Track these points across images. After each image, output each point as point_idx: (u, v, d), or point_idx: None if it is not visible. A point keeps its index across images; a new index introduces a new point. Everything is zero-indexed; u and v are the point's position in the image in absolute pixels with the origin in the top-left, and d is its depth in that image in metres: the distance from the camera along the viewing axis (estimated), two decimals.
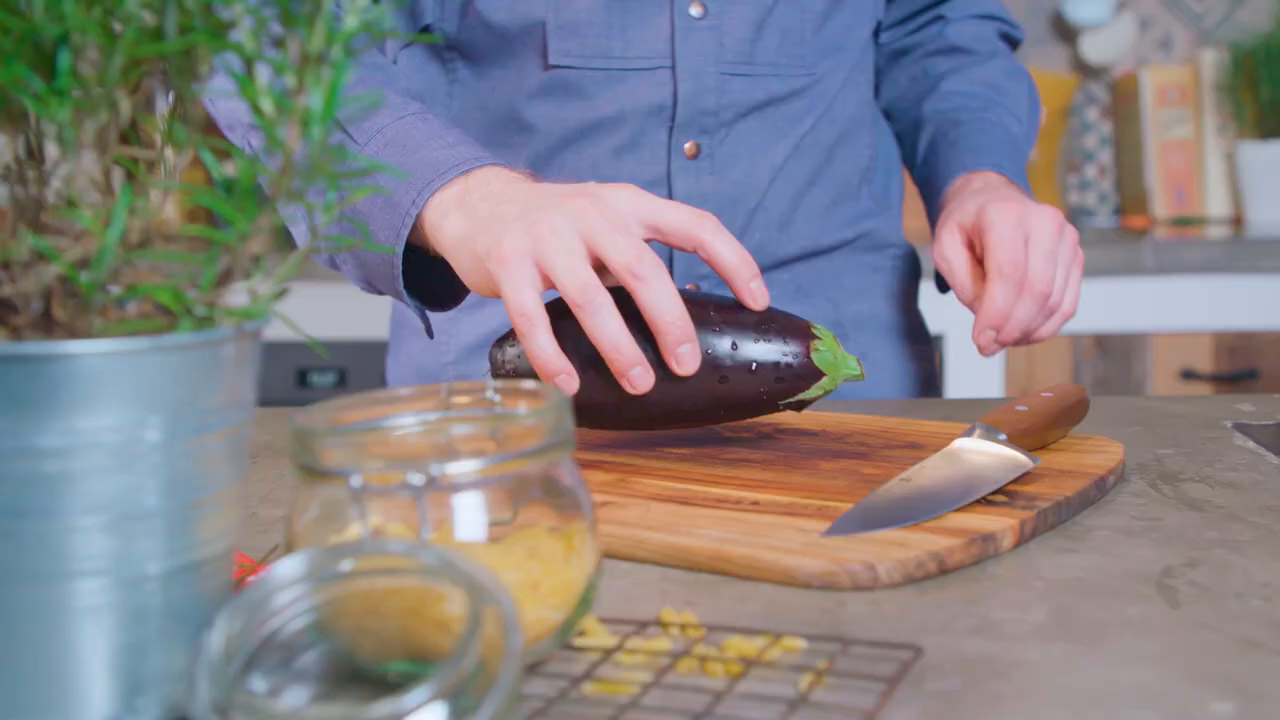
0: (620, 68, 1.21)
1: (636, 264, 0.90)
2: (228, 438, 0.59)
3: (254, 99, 0.56)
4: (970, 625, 0.69)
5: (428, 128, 1.06)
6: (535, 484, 0.64)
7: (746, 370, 0.94)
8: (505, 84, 1.23)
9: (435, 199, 1.00)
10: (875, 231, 1.35)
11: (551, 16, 1.20)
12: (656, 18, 1.20)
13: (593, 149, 1.22)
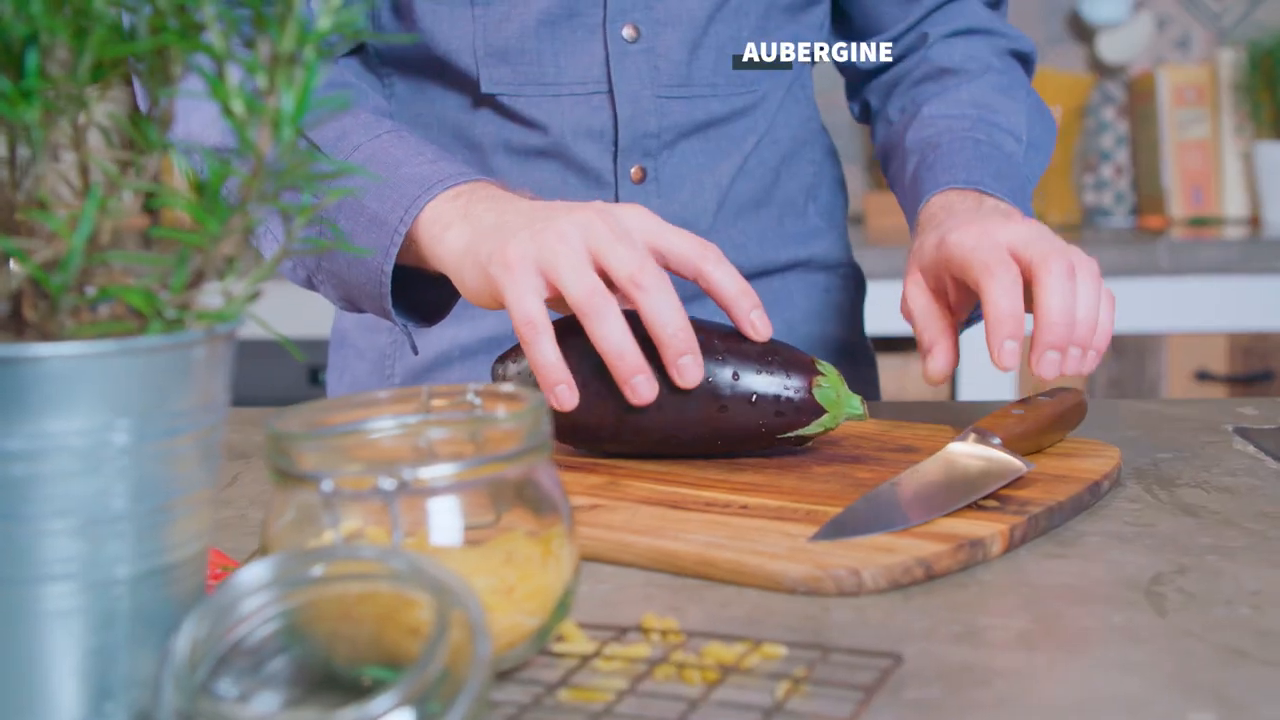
0: (554, 94, 1.18)
1: (639, 274, 0.89)
2: (198, 440, 0.58)
3: (225, 100, 0.56)
4: (954, 632, 0.68)
5: (405, 145, 1.05)
6: (512, 488, 0.63)
7: (746, 401, 0.93)
8: (445, 101, 1.21)
9: (430, 214, 1.00)
10: (825, 251, 1.33)
11: (480, 42, 1.17)
12: (589, 42, 1.18)
13: (540, 171, 1.20)
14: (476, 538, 0.63)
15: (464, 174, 1.02)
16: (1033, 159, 1.21)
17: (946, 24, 1.29)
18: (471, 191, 1.00)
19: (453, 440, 0.65)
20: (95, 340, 0.54)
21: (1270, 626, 0.68)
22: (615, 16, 1.17)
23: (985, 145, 1.16)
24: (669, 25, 1.19)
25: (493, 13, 1.17)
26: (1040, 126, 1.24)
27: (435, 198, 1.00)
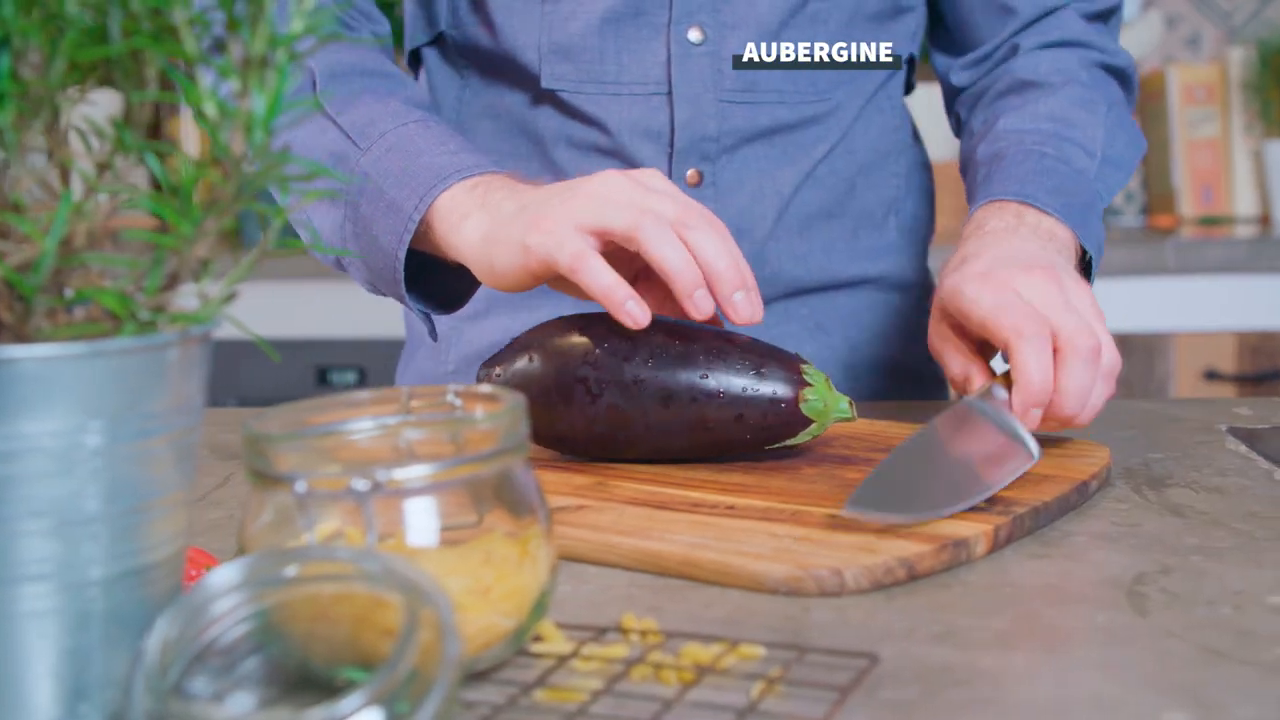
0: (614, 93, 1.19)
1: (685, 214, 0.91)
2: (173, 442, 0.59)
3: (197, 103, 0.56)
4: (933, 633, 0.68)
5: (430, 134, 1.06)
6: (488, 489, 0.63)
7: (732, 419, 0.93)
8: (513, 95, 1.22)
9: (446, 203, 1.00)
10: (900, 269, 1.30)
11: (545, 39, 1.18)
12: (652, 42, 1.17)
13: (599, 166, 1.19)
14: (454, 538, 0.63)
15: (482, 165, 1.02)
16: (1107, 175, 1.16)
17: (1040, 36, 1.24)
18: (489, 182, 1.00)
19: (430, 441, 0.65)
20: (68, 342, 0.55)
21: (1251, 627, 0.68)
22: (681, 18, 1.17)
23: (1051, 159, 1.12)
24: (736, 28, 1.18)
25: (560, 9, 1.18)
26: (1123, 142, 1.20)
27: (451, 187, 1.01)
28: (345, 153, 1.07)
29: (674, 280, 0.90)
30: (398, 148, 1.05)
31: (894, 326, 1.30)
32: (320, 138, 1.09)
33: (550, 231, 0.92)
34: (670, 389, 0.92)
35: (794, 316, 1.25)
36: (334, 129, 1.08)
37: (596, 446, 0.95)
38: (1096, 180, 1.14)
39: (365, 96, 1.10)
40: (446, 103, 1.27)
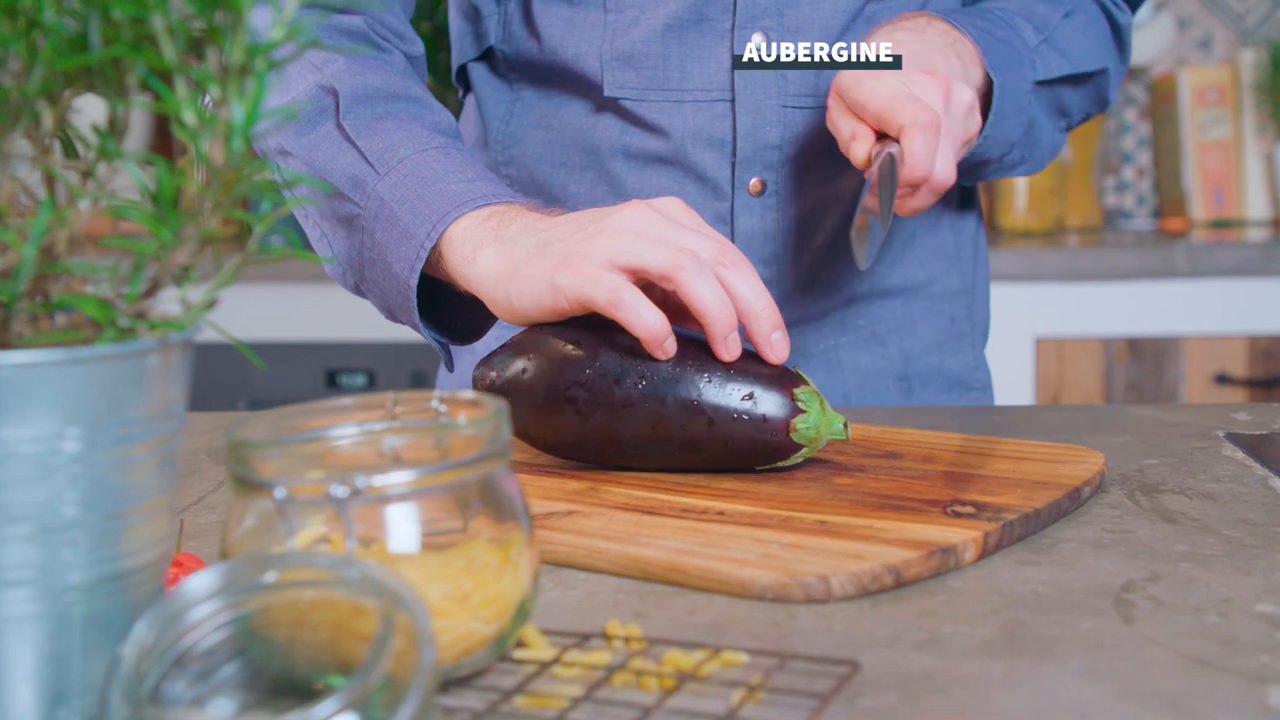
0: (677, 100, 1.18)
1: (721, 254, 0.92)
2: (155, 448, 0.59)
3: (175, 111, 0.56)
4: (917, 640, 0.68)
5: (449, 161, 1.05)
6: (470, 495, 0.63)
7: (721, 442, 0.92)
8: (569, 106, 1.22)
9: (459, 232, 1.00)
10: (951, 274, 1.30)
11: (607, 47, 1.18)
12: (715, 48, 1.17)
13: (659, 177, 1.19)
14: (435, 544, 0.63)
15: (499, 194, 1.02)
16: (1047, 55, 1.20)
17: None
18: (503, 213, 1.00)
19: (413, 447, 0.65)
20: (46, 349, 0.55)
21: (1236, 635, 0.67)
22: (744, 23, 1.17)
23: (995, 15, 1.18)
24: (800, 33, 1.18)
25: (623, 18, 1.18)
26: (1079, 45, 1.23)
27: (465, 215, 1.00)
28: (363, 177, 1.06)
29: (711, 323, 0.91)
30: (415, 174, 1.04)
31: (945, 334, 1.30)
32: (339, 160, 1.08)
33: (581, 271, 0.92)
34: (660, 413, 0.92)
35: (850, 327, 1.25)
36: (353, 152, 1.07)
37: (587, 456, 0.95)
38: (1034, 52, 1.18)
39: (388, 121, 1.09)
40: (496, 116, 1.26)
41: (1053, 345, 2.50)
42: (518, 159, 1.25)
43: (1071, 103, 1.24)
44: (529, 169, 1.24)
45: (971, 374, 1.32)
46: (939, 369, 1.29)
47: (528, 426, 0.95)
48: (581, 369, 0.93)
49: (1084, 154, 2.94)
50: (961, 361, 1.31)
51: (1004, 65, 1.14)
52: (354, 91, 1.09)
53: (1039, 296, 2.49)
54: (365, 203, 1.06)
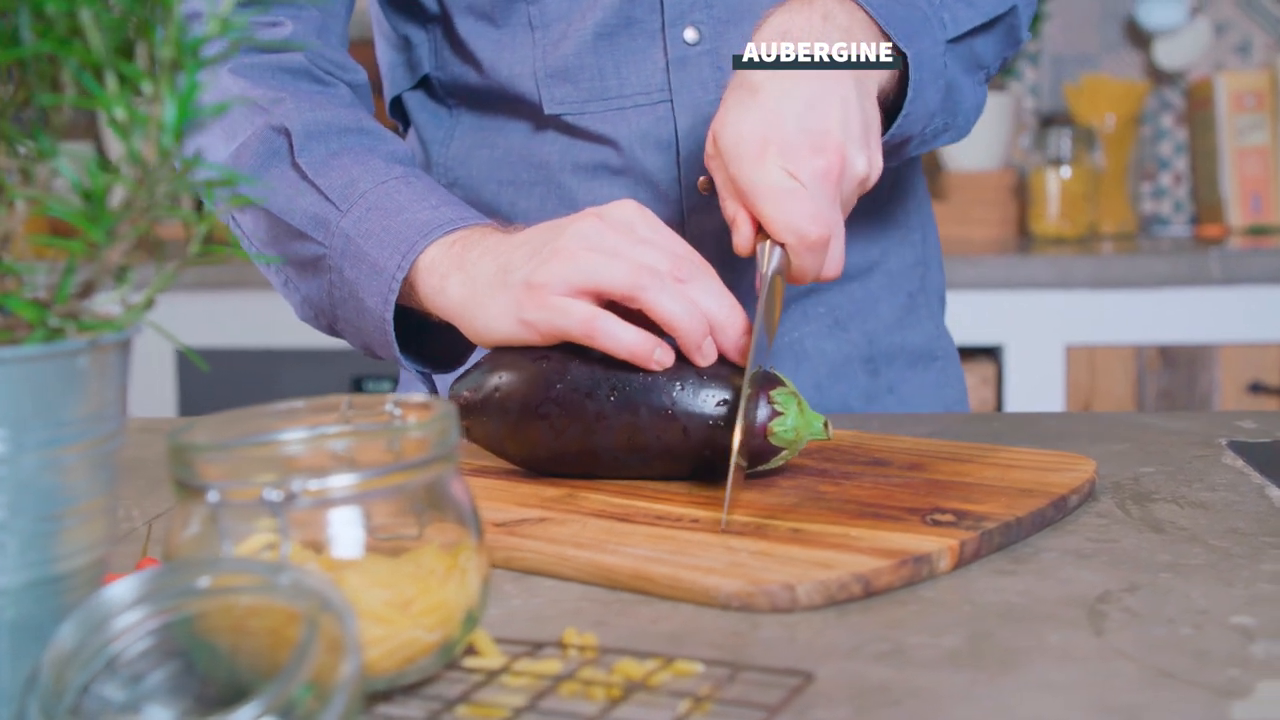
0: (618, 107, 1.16)
1: (677, 267, 0.91)
2: (89, 450, 0.58)
3: (106, 107, 0.55)
4: (880, 650, 0.66)
5: (410, 190, 1.04)
6: (413, 500, 0.62)
7: (701, 449, 0.91)
8: (510, 126, 1.20)
9: (427, 261, 0.99)
10: (903, 247, 1.29)
11: (540, 65, 1.16)
12: (649, 49, 1.15)
13: (606, 186, 1.17)
14: (379, 550, 0.62)
15: (465, 218, 1.01)
16: (954, 8, 1.10)
17: None
18: (468, 238, 0.99)
19: (364, 450, 0.64)
20: None
21: (1208, 647, 0.66)
22: (674, 20, 1.14)
23: None
24: (732, 24, 1.15)
25: (551, 33, 1.15)
26: None
27: (432, 244, 0.99)
28: (325, 215, 1.05)
29: (683, 336, 0.90)
30: (378, 206, 1.03)
31: (904, 309, 1.29)
32: (299, 200, 1.06)
33: (545, 304, 0.91)
34: (634, 424, 0.90)
35: (812, 316, 1.24)
36: (313, 191, 1.06)
37: (566, 470, 0.94)
38: (940, 8, 1.08)
39: (344, 156, 1.07)
40: (436, 140, 1.24)
41: (1084, 353, 2.47)
42: (462, 180, 1.22)
43: (985, 51, 1.16)
44: (475, 189, 1.22)
45: (935, 344, 1.32)
46: (902, 345, 1.28)
47: (504, 444, 0.94)
48: (553, 384, 0.91)
49: (1118, 160, 2.90)
50: (923, 334, 1.30)
51: (913, 33, 1.04)
52: (306, 129, 1.08)
53: (1070, 304, 2.46)
54: (330, 241, 1.05)
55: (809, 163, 0.93)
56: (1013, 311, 2.46)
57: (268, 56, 1.12)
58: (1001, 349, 2.48)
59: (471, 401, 0.94)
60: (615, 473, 0.92)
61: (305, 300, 1.09)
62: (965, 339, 2.45)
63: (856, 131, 0.96)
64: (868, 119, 0.97)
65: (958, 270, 2.41)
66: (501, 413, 0.93)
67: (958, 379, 1.35)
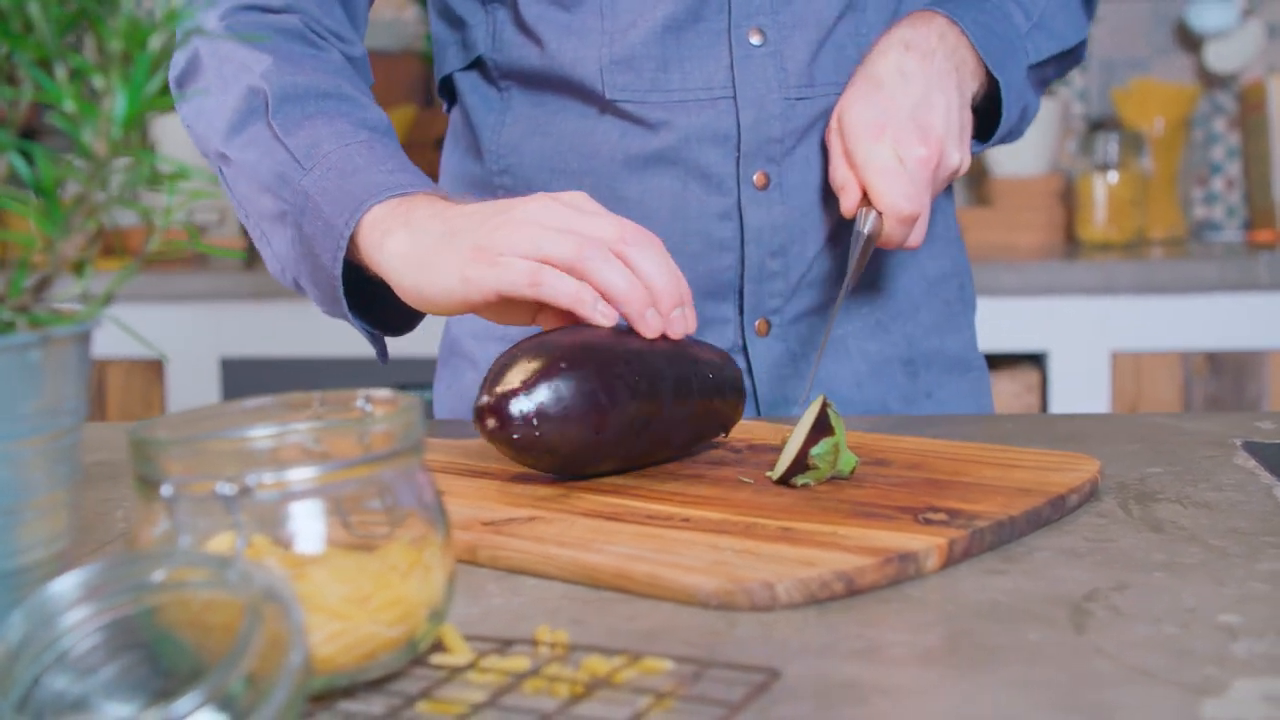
0: (679, 100, 1.18)
1: (623, 233, 0.94)
2: (46, 445, 0.58)
3: (57, 100, 0.55)
4: (855, 649, 0.65)
5: (371, 154, 1.06)
6: (374, 494, 0.62)
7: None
8: (566, 112, 1.21)
9: (370, 218, 1.01)
10: (945, 257, 1.32)
11: (605, 52, 1.18)
12: (714, 47, 1.18)
13: (659, 178, 1.19)
14: (342, 545, 0.62)
15: (417, 184, 1.03)
16: (1037, 38, 1.25)
17: None
18: (414, 201, 1.00)
19: (321, 445, 0.63)
20: None
21: (1190, 646, 0.64)
22: (740, 21, 1.18)
23: (991, 4, 1.22)
24: (797, 27, 1.19)
25: (620, 21, 1.18)
26: (1062, 20, 1.28)
27: (380, 203, 1.01)
28: (289, 173, 1.08)
29: (623, 305, 0.93)
30: (337, 167, 1.06)
31: (942, 315, 1.32)
32: (268, 158, 1.10)
33: (493, 262, 0.93)
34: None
35: (856, 315, 1.26)
36: (282, 150, 1.09)
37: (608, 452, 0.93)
38: (1026, 38, 1.23)
39: (318, 119, 1.10)
40: (487, 125, 1.25)
41: (1129, 359, 2.44)
42: (513, 168, 1.24)
43: (1052, 73, 1.30)
44: (526, 178, 1.23)
45: (970, 353, 1.35)
46: (940, 351, 1.31)
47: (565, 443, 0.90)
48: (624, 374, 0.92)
49: (1167, 165, 2.87)
50: (960, 342, 1.34)
51: (1004, 61, 1.19)
52: (282, 91, 1.11)
53: (1115, 310, 2.43)
54: (292, 199, 1.08)
55: (914, 149, 1.11)
56: (1058, 318, 2.43)
57: (263, 17, 1.17)
58: (1046, 356, 2.46)
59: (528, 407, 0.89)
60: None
61: (274, 255, 1.13)
62: (1010, 345, 2.43)
63: (955, 130, 1.14)
64: (964, 121, 1.16)
65: (1002, 276, 2.39)
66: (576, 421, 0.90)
67: (987, 392, 1.37)
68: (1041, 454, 0.94)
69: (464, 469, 0.96)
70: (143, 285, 2.58)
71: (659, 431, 0.93)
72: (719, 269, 1.20)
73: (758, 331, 1.22)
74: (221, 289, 2.59)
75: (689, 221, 1.19)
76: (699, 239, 1.19)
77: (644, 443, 0.93)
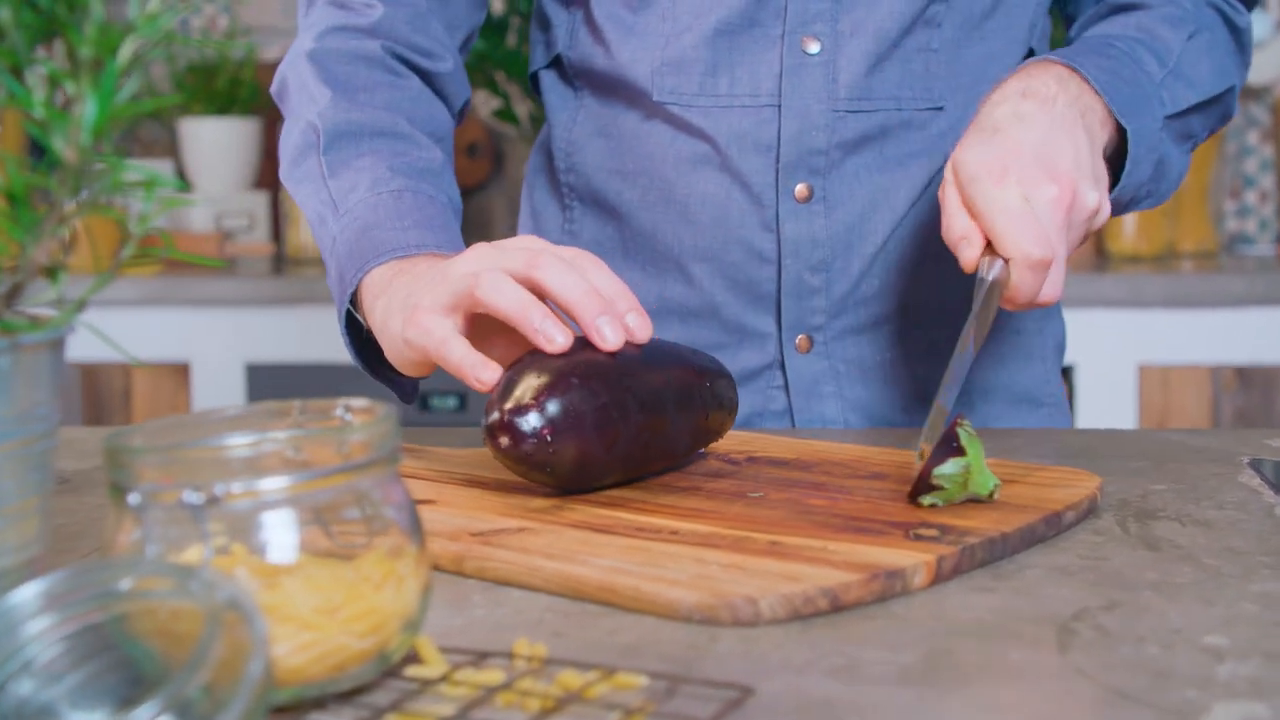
0: (725, 105, 1.17)
1: (534, 258, 0.91)
2: (17, 451, 0.58)
3: (27, 106, 0.55)
4: (833, 665, 0.65)
5: (395, 207, 1.06)
6: (347, 504, 0.61)
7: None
8: (626, 113, 1.21)
9: (369, 279, 1.03)
10: None
11: (659, 55, 1.18)
12: (766, 53, 1.16)
13: (704, 182, 1.18)
14: (320, 555, 0.61)
15: (424, 245, 1.03)
16: (1174, 86, 1.15)
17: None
18: (409, 266, 1.01)
19: (294, 454, 0.63)
20: None
21: (1172, 667, 0.63)
22: (796, 28, 1.15)
23: (1118, 50, 1.13)
24: (855, 37, 1.16)
25: (678, 24, 1.18)
26: (1206, 68, 1.18)
27: (382, 264, 1.02)
28: (326, 215, 1.10)
29: (518, 323, 0.90)
30: (361, 217, 1.07)
31: (1011, 347, 1.26)
32: (315, 196, 1.12)
33: (419, 323, 0.93)
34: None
35: (907, 338, 1.21)
36: (325, 190, 1.11)
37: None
38: (1161, 86, 1.13)
39: (363, 159, 1.11)
40: (561, 123, 1.26)
41: (1157, 373, 2.43)
42: (578, 167, 1.25)
43: (1197, 126, 1.19)
44: (587, 176, 1.24)
45: (1042, 388, 1.28)
46: (1003, 384, 1.25)
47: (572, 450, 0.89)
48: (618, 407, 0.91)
49: (1199, 177, 2.85)
50: (1030, 376, 1.27)
51: (1133, 109, 1.09)
52: (335, 129, 1.13)
53: (1142, 323, 2.41)
54: (325, 240, 1.09)
55: (1044, 189, 0.99)
56: (1085, 330, 2.41)
57: (348, 43, 1.18)
58: (1073, 368, 2.44)
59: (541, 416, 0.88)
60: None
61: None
62: None
63: (1088, 169, 1.02)
64: (1097, 163, 1.04)
65: None
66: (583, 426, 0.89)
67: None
68: (1041, 469, 0.93)
69: (461, 478, 0.96)
70: (169, 289, 2.59)
71: (663, 443, 0.93)
72: (759, 280, 1.18)
73: (798, 348, 1.19)
74: (247, 294, 2.60)
75: (730, 230, 1.18)
76: (740, 248, 1.18)
77: (649, 454, 0.92)
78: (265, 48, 3.17)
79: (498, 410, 0.88)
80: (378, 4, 1.19)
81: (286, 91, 1.19)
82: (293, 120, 1.17)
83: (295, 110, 1.17)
